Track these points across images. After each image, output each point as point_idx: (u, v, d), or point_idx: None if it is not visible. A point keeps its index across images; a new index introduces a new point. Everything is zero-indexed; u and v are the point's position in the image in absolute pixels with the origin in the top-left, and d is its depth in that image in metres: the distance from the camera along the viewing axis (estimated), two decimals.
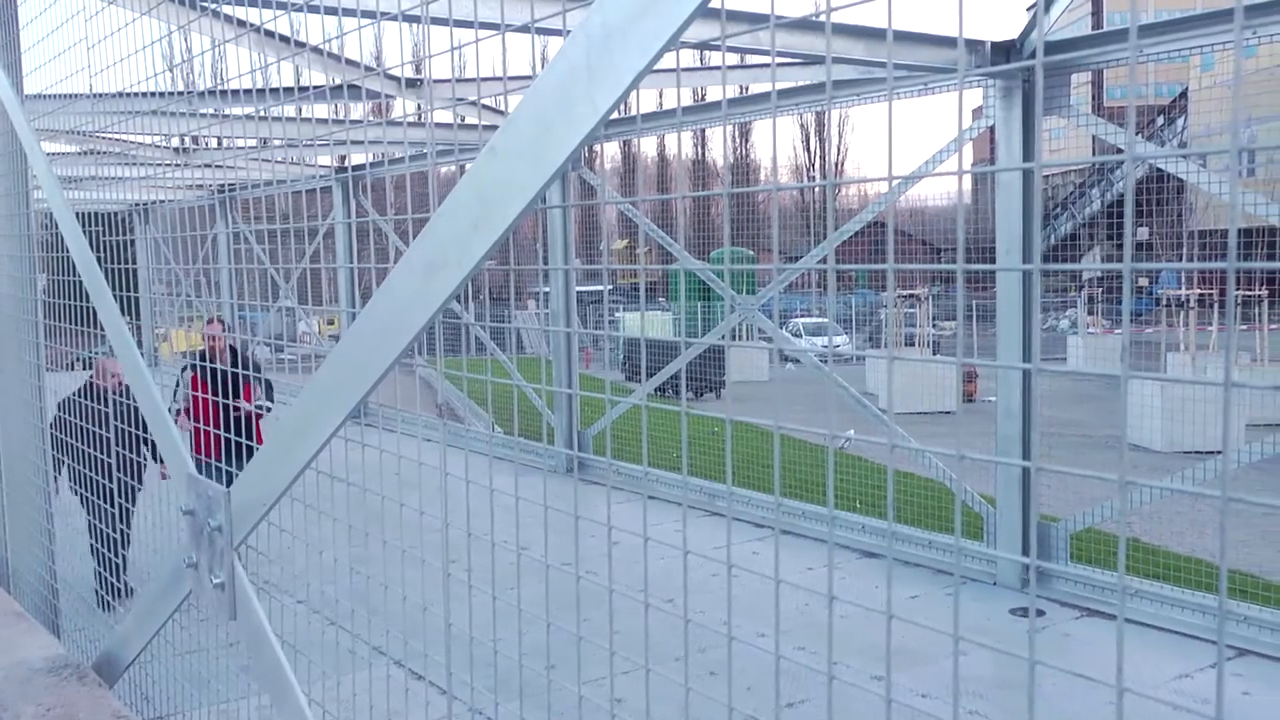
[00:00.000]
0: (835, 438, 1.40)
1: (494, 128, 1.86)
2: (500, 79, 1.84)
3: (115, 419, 3.98)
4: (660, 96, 28.76)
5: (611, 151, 55.45)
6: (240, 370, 6.94)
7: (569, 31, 1.64)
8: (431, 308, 1.92)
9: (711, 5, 1.56)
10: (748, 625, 5.06)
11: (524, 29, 1.92)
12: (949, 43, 7.56)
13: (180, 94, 3.27)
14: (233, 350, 7.25)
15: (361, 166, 14.19)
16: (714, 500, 9.96)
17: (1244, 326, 19.12)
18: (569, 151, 1.63)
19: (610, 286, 27.23)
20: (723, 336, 11.10)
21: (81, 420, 4.38)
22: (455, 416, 14.02)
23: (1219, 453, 6.72)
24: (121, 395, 3.85)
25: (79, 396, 5.33)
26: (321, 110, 11.57)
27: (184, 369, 7.33)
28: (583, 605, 1.78)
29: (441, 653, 2.11)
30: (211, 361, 6.22)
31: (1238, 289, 18.72)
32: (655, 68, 1.71)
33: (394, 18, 2.01)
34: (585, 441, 11.32)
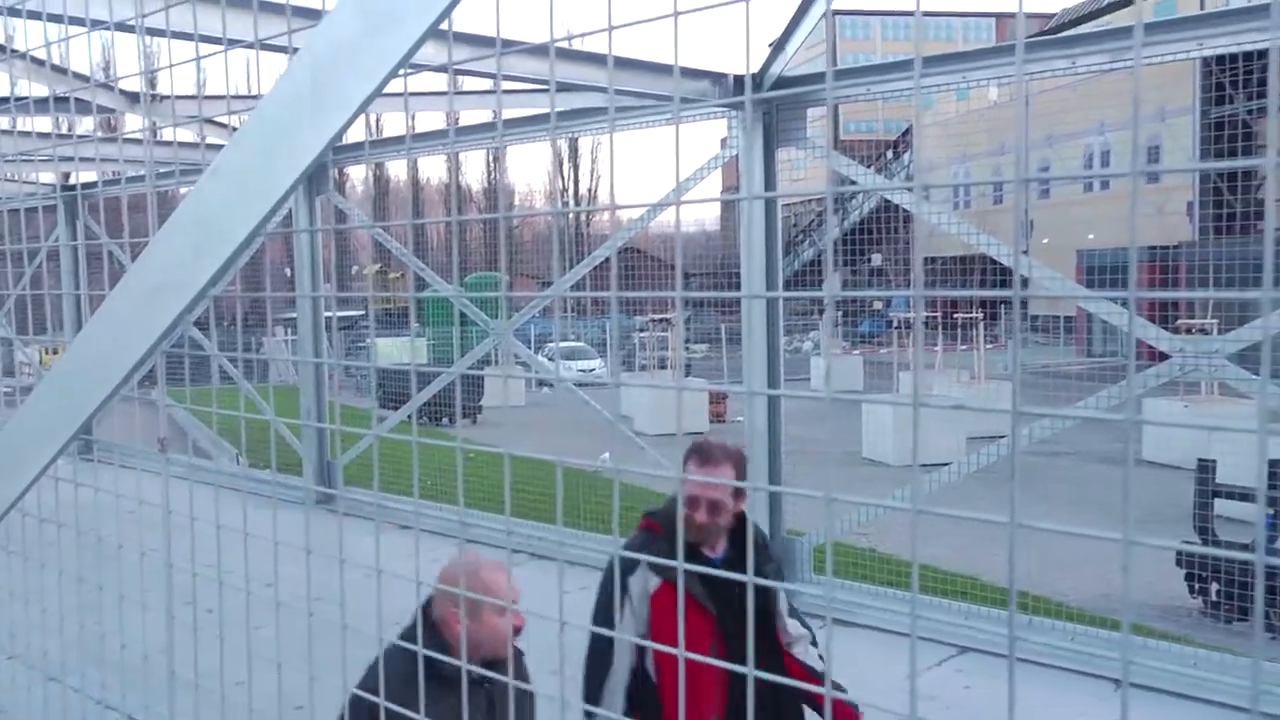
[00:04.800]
0: (565, 461, 1.42)
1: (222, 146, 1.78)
2: (224, 97, 1.76)
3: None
4: (413, 120, 28.38)
5: (364, 175, 54.19)
6: (769, 576, 3.35)
7: (296, 49, 1.59)
8: (153, 335, 1.81)
9: (445, 29, 1.55)
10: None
11: (249, 46, 1.85)
12: (691, 74, 7.82)
13: None
14: (740, 522, 3.23)
15: (90, 185, 13.29)
16: (467, 528, 9.85)
17: (964, 347, 20.65)
18: (295, 176, 1.58)
19: (360, 313, 26.57)
20: (476, 363, 11.02)
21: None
22: (197, 449, 13.28)
23: (946, 464, 7.21)
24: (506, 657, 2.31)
25: (404, 668, 1.96)
26: (43, 124, 10.75)
27: (628, 574, 3.15)
28: (330, 641, 1.71)
29: (165, 703, 1.99)
30: (703, 548, 3.11)
31: (958, 312, 20.16)
32: (401, 91, 1.68)
33: (106, 26, 1.90)
34: (337, 472, 10.96)
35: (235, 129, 1.76)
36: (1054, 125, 31.93)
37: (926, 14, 57.72)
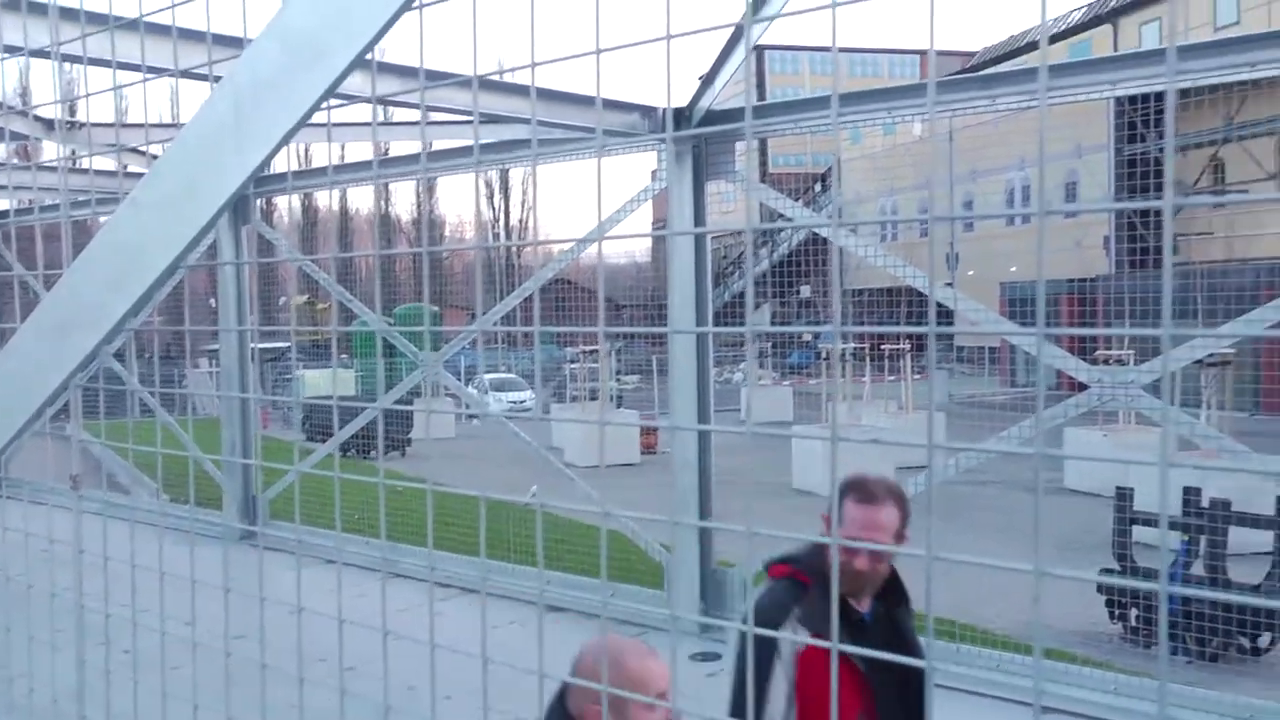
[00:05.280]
0: (488, 495, 1.41)
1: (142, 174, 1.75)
2: (143, 125, 1.73)
3: None
4: (342, 150, 28.17)
5: (292, 204, 53.66)
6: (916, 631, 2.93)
7: (218, 78, 1.58)
8: (64, 370, 1.77)
9: (371, 60, 1.54)
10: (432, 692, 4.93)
11: (170, 74, 1.83)
12: (621, 107, 7.87)
13: None
14: (895, 578, 2.88)
15: (2, 213, 12.97)
16: (399, 562, 9.73)
17: (892, 378, 20.95)
18: (217, 208, 1.56)
19: (288, 344, 26.25)
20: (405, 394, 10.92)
21: None
22: (115, 485, 12.95)
23: None
24: None
25: None
26: None
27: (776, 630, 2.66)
28: (252, 680, 1.68)
29: None
30: (851, 599, 2.79)
31: (886, 343, 20.44)
32: (325, 121, 1.67)
33: (21, 52, 1.86)
34: (262, 506, 10.76)
35: (155, 157, 1.73)
36: (977, 160, 32.68)
37: (853, 50, 58.81)
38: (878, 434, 17.24)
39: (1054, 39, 39.28)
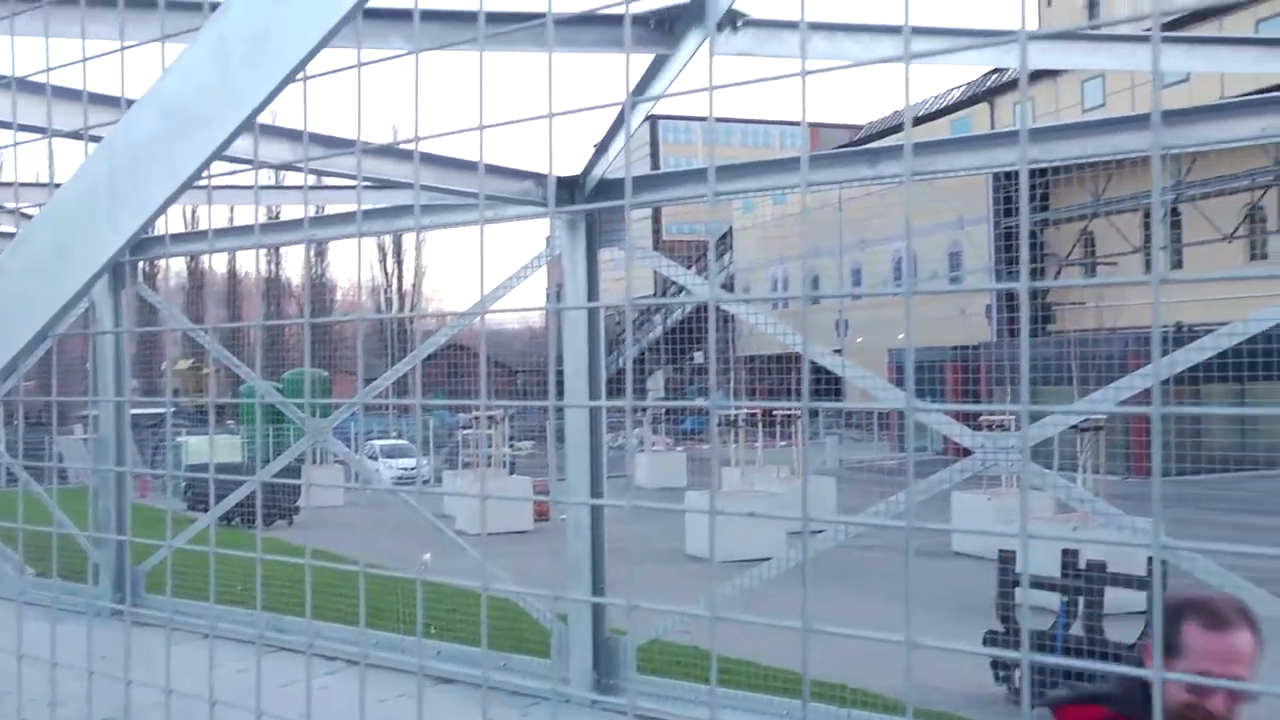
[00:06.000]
0: (367, 570, 1.38)
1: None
2: (13, 184, 1.69)
3: None
4: (230, 212, 27.62)
5: (178, 267, 52.34)
6: None
7: (95, 138, 1.54)
8: None
9: (260, 125, 1.53)
10: None
11: (42, 133, 1.78)
12: (513, 174, 7.90)
13: None
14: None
15: None
16: (281, 636, 9.42)
17: (784, 443, 21.23)
18: (90, 276, 1.51)
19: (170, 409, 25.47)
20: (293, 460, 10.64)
21: None
22: None
23: (767, 559, 7.32)
24: None
25: None
26: None
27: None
28: None
29: None
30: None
31: (777, 409, 20.71)
32: (211, 185, 1.64)
33: None
34: (139, 578, 10.33)
35: (28, 216, 1.68)
36: (864, 230, 33.65)
37: (744, 121, 60.12)
38: (763, 501, 17.43)
39: (935, 115, 40.89)
